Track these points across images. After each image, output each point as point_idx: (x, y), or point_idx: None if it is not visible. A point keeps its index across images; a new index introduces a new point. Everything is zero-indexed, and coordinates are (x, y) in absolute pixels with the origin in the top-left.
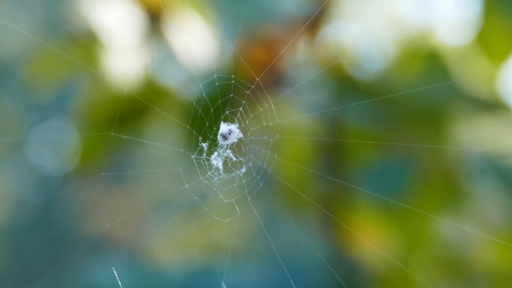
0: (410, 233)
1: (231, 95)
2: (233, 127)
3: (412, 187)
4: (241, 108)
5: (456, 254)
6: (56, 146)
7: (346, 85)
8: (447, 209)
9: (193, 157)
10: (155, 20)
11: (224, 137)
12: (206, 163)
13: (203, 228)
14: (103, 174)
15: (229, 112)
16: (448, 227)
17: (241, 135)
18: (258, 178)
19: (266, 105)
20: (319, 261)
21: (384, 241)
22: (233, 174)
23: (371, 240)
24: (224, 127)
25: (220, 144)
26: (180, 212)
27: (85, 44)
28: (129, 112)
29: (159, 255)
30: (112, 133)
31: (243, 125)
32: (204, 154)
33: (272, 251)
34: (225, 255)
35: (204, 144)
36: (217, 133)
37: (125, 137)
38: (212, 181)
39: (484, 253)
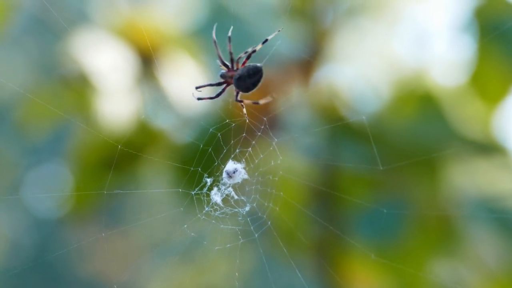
0: (405, 278)
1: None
2: (239, 166)
3: (407, 231)
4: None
5: None
6: (52, 191)
7: (340, 128)
8: (442, 253)
9: (193, 192)
10: (147, 63)
11: (229, 175)
12: (205, 198)
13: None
14: (103, 234)
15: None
16: (443, 271)
17: (246, 176)
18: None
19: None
20: None
21: (379, 285)
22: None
23: (366, 285)
24: (230, 165)
25: (223, 181)
26: (182, 253)
27: (78, 87)
28: (125, 156)
29: None
30: (104, 191)
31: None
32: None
33: None
34: None
35: (208, 180)
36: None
37: (118, 191)
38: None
39: None
